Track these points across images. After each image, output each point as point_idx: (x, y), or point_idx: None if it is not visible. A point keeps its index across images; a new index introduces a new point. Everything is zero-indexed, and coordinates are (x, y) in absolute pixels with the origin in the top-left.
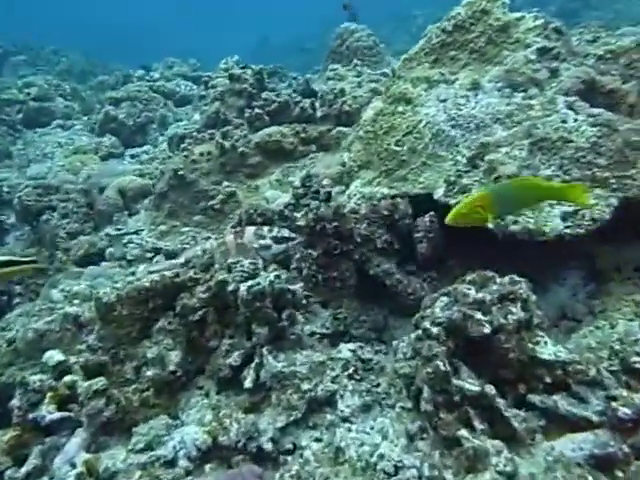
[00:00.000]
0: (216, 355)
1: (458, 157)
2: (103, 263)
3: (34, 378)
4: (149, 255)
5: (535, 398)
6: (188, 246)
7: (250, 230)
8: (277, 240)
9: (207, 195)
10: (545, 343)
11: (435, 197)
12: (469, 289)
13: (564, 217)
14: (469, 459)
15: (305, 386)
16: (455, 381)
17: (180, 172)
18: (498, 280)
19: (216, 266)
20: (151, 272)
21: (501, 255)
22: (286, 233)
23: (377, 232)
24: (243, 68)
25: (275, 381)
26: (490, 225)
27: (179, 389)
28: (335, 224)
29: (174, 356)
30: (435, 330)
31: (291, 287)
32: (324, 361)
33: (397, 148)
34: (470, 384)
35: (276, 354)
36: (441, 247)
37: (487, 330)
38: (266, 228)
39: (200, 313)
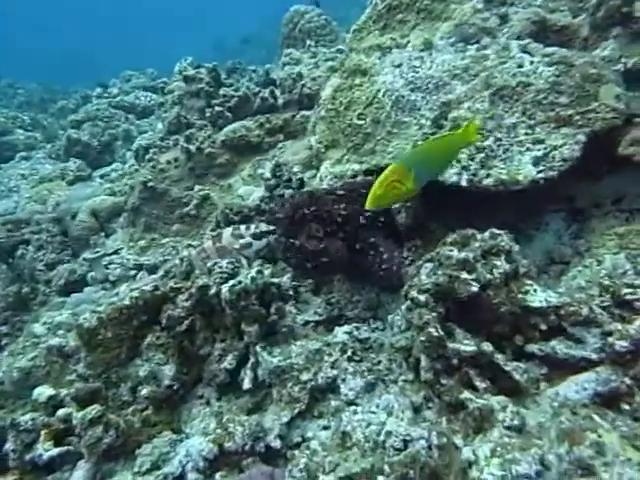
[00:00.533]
0: (210, 361)
1: (422, 120)
2: (86, 288)
3: (25, 418)
4: (132, 273)
5: (533, 347)
6: (170, 257)
7: (227, 232)
8: (256, 236)
9: (181, 202)
10: (534, 291)
11: None
12: (451, 250)
13: (535, 162)
14: (476, 420)
15: (305, 376)
16: (450, 344)
17: (150, 184)
18: (479, 237)
19: (196, 272)
20: (133, 289)
21: (482, 211)
22: (264, 227)
23: (357, 209)
24: (197, 68)
25: (274, 377)
26: (464, 183)
27: (179, 402)
28: (313, 209)
29: (168, 370)
30: (423, 297)
31: (275, 280)
32: (320, 348)
33: (360, 122)
34: (466, 345)
35: (270, 349)
36: (422, 214)
37: (475, 288)
38: (243, 226)
39: (187, 322)
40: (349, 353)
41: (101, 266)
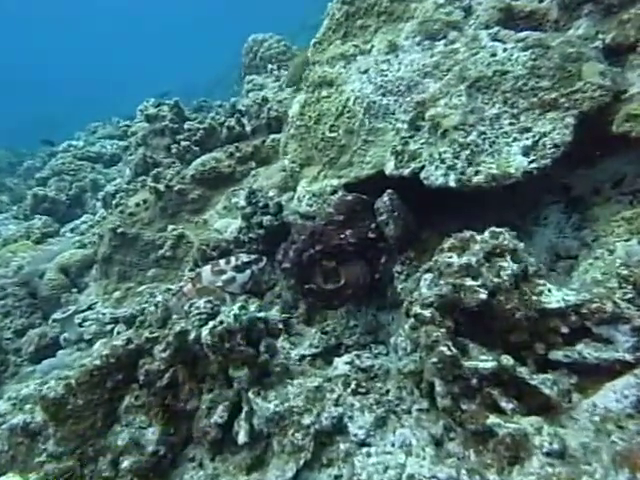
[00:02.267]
0: (199, 417)
1: (398, 124)
2: (59, 352)
3: None
4: (109, 327)
5: (557, 354)
6: (147, 305)
7: (206, 270)
8: (239, 269)
9: (155, 245)
10: (549, 291)
11: (387, 172)
12: (450, 257)
13: (525, 152)
14: (509, 448)
15: (307, 420)
16: (466, 363)
17: (119, 229)
18: (479, 238)
19: (173, 317)
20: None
21: (475, 212)
22: (245, 258)
23: (364, 227)
24: (158, 106)
25: (272, 425)
26: (452, 184)
27: (168, 469)
28: (319, 248)
29: (151, 434)
30: (427, 313)
31: (261, 314)
32: (320, 385)
33: (333, 134)
34: (484, 361)
35: (265, 394)
36: (411, 223)
37: (483, 295)
38: (222, 261)
39: (168, 375)
40: (353, 386)
41: (74, 325)
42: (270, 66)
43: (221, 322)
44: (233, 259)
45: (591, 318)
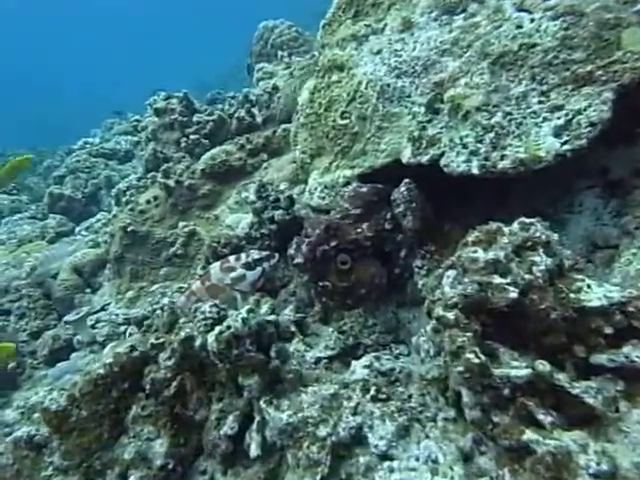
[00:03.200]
0: (208, 428)
1: (415, 108)
2: (73, 355)
3: None
4: (122, 329)
5: (601, 358)
6: (156, 306)
7: (215, 267)
8: (249, 266)
9: (167, 243)
10: (589, 287)
11: (404, 161)
12: (475, 252)
13: (557, 133)
14: (550, 468)
15: (322, 431)
16: (497, 371)
17: (130, 228)
18: (506, 230)
19: (181, 320)
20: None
21: (501, 201)
22: (256, 254)
23: (381, 218)
24: (167, 99)
25: (285, 437)
26: (475, 171)
27: None
28: (334, 243)
29: (159, 446)
30: (451, 315)
31: (270, 317)
32: (337, 392)
33: (344, 121)
34: (516, 368)
35: (278, 403)
36: (431, 214)
37: (514, 294)
38: (232, 258)
39: (175, 384)
40: (372, 392)
41: (86, 327)
42: (280, 53)
43: (228, 327)
44: (243, 256)
45: (639, 317)
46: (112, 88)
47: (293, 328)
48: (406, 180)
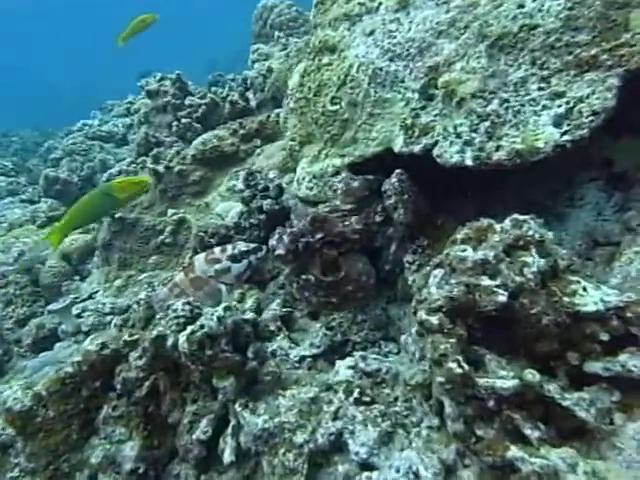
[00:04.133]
0: (180, 432)
1: (408, 94)
2: (57, 344)
3: None
4: (109, 319)
5: (595, 366)
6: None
7: (200, 258)
8: (234, 258)
9: (155, 231)
10: (584, 290)
11: (396, 150)
12: (464, 250)
13: (557, 122)
14: None
15: (299, 438)
16: (482, 380)
17: (117, 214)
18: (498, 227)
19: (157, 316)
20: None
21: (497, 193)
22: (243, 246)
23: (371, 211)
24: (160, 80)
25: (261, 443)
26: (469, 162)
27: None
28: (319, 236)
29: (129, 449)
30: (435, 320)
31: (247, 316)
32: (317, 395)
33: (334, 107)
34: (503, 379)
35: (254, 407)
36: (424, 207)
37: (503, 298)
38: (217, 249)
39: (147, 384)
40: (356, 394)
41: (71, 316)
42: (277, 33)
43: (201, 326)
44: (230, 247)
45: (637, 323)
46: (127, 67)
47: (278, 323)
48: (398, 170)
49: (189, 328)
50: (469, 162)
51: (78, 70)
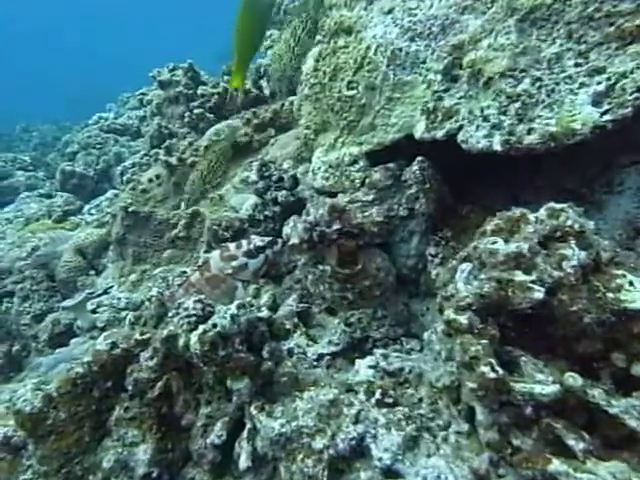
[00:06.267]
0: (194, 435)
1: (430, 76)
2: (72, 340)
3: None
4: (124, 314)
5: None
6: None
7: (215, 255)
8: (251, 253)
9: (170, 224)
10: (630, 284)
11: (417, 136)
12: (495, 242)
13: (596, 101)
14: None
15: (319, 443)
16: (518, 386)
17: (131, 208)
18: (531, 217)
19: (169, 315)
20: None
21: (528, 181)
22: (258, 241)
23: (394, 203)
24: (172, 70)
25: (278, 448)
26: (497, 147)
27: None
28: (336, 227)
29: (142, 453)
30: (464, 319)
31: (262, 314)
32: (336, 397)
33: (351, 92)
34: (542, 384)
35: (270, 409)
36: (448, 196)
37: (539, 294)
38: (232, 245)
39: (160, 385)
40: (378, 395)
41: (86, 311)
42: (290, 18)
43: (214, 325)
44: (245, 243)
45: None
46: (139, 59)
47: (295, 320)
48: (419, 158)
49: (201, 327)
50: (498, 147)
51: (91, 68)
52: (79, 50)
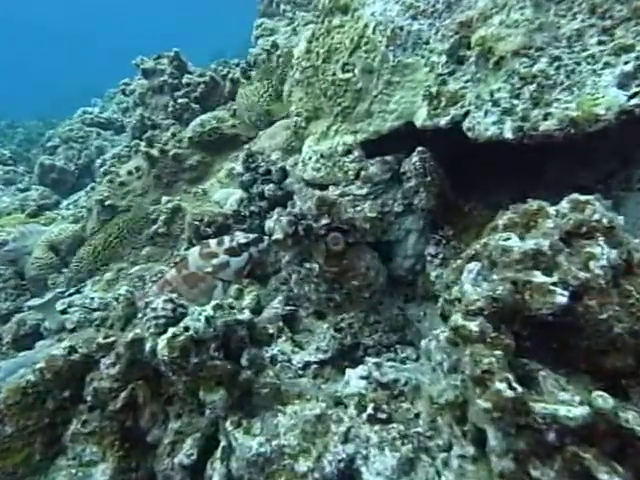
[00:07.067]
0: (161, 454)
1: (433, 57)
2: (38, 343)
3: None
4: (96, 315)
5: None
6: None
7: (194, 253)
8: (233, 251)
9: (149, 220)
10: None
11: (418, 124)
12: (508, 239)
13: (622, 82)
14: None
15: (302, 466)
16: (538, 407)
17: (108, 202)
18: (551, 210)
19: (139, 315)
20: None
21: (534, 174)
22: (242, 238)
23: (389, 198)
24: (157, 59)
25: (256, 470)
26: (508, 135)
27: None
28: (325, 222)
29: (101, 473)
30: (475, 326)
31: (241, 316)
32: (323, 412)
33: (346, 75)
34: (567, 404)
35: (248, 425)
36: (449, 191)
37: (562, 298)
38: (213, 241)
39: (124, 395)
40: (370, 410)
41: (54, 312)
42: (283, 7)
43: (186, 329)
44: (227, 239)
45: None
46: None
47: (280, 324)
48: (419, 148)
49: (170, 331)
50: (509, 135)
51: (82, 66)
52: (75, 49)
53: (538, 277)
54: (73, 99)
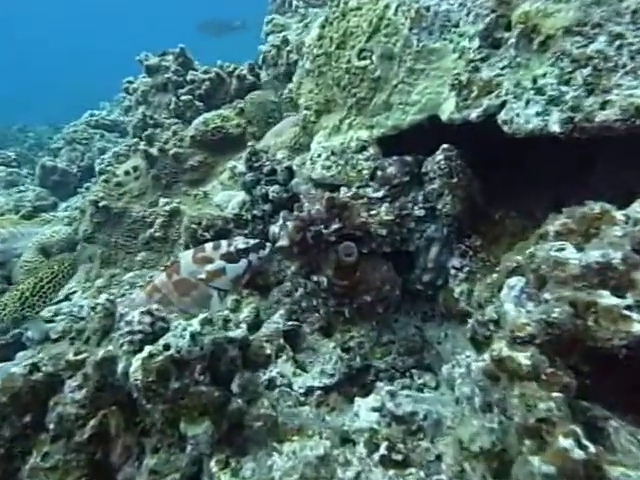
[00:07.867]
0: None
1: (463, 42)
2: (18, 354)
3: None
4: (82, 325)
5: None
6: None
7: (187, 256)
8: (231, 257)
9: (146, 223)
10: None
11: (445, 118)
12: (562, 249)
13: None
14: None
15: None
16: (616, 472)
17: (102, 203)
18: (618, 215)
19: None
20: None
21: (578, 176)
22: (242, 243)
23: (408, 201)
24: (161, 55)
25: None
26: (555, 128)
27: None
28: (336, 226)
29: None
30: (525, 358)
31: (233, 334)
32: (327, 453)
33: (363, 62)
34: None
35: (237, 466)
36: (477, 194)
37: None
38: (209, 246)
39: (92, 424)
40: (383, 449)
41: (39, 320)
42: (295, 3)
43: (166, 347)
44: (224, 244)
45: None
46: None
47: (281, 341)
48: (445, 146)
49: (147, 349)
50: (555, 128)
51: (87, 69)
52: (81, 53)
53: (606, 298)
54: (86, 105)
